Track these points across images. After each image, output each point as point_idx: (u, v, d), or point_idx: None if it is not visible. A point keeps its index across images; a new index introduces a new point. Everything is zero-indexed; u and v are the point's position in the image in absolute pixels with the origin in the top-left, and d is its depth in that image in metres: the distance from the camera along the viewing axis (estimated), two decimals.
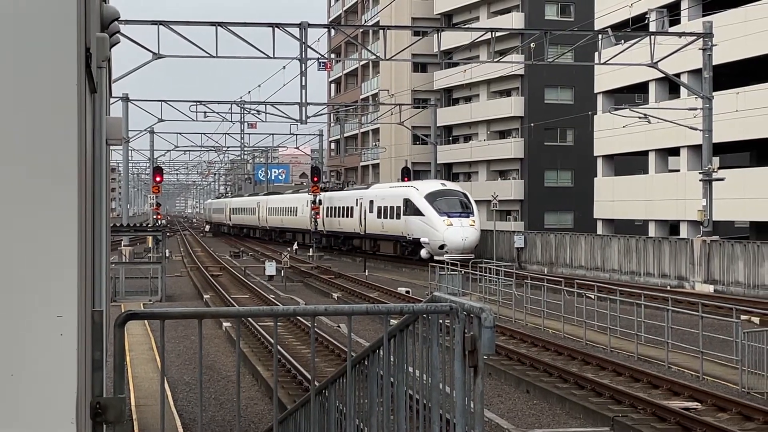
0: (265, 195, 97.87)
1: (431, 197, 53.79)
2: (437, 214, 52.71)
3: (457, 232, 51.80)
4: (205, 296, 38.29)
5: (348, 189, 72.00)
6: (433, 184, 56.81)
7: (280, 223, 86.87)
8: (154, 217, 70.85)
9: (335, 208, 67.36)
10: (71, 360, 3.52)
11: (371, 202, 60.46)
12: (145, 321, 25.50)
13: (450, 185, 58.49)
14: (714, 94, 40.68)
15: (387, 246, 58.94)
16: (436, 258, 49.16)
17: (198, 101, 60.23)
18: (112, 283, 33.79)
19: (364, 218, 60.66)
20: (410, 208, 54.50)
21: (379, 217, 58.87)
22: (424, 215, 53.12)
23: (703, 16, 49.33)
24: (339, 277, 47.15)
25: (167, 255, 49.21)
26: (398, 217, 55.95)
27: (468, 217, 52.92)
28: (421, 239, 53.15)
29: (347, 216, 64.83)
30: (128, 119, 59.65)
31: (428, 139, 69.62)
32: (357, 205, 62.25)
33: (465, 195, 55.38)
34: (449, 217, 52.50)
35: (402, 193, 56.47)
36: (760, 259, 36.57)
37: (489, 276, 34.81)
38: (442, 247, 51.49)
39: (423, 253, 52.90)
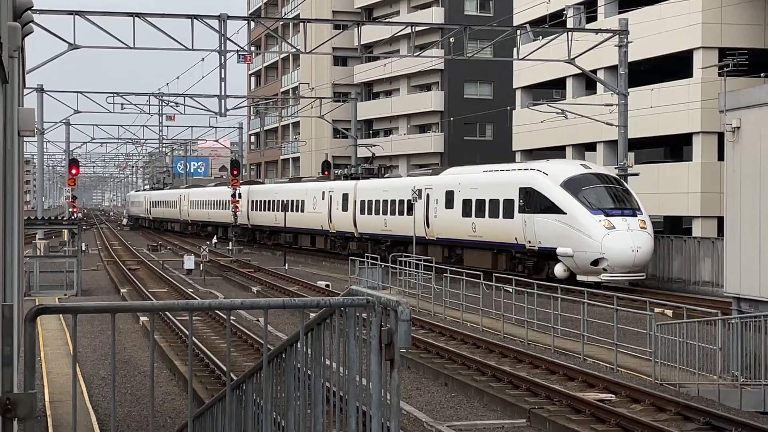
0: (195, 187, 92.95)
1: (573, 185, 36.11)
2: (588, 211, 35.14)
3: (624, 240, 34.35)
4: (122, 290, 37.83)
5: (390, 176, 56.88)
6: (571, 167, 38.32)
7: (207, 217, 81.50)
8: (70, 210, 69.78)
9: (374, 202, 49.75)
10: None
11: (449, 193, 42.90)
12: (61, 316, 25.20)
13: (596, 167, 39.65)
14: (629, 90, 41.29)
15: (480, 257, 40.43)
16: (582, 279, 34.31)
17: (115, 93, 59.38)
18: (26, 277, 33.20)
19: (434, 216, 43.78)
20: (535, 202, 36.82)
21: (466, 215, 41.24)
22: (563, 212, 35.44)
23: (619, 13, 50.07)
24: (259, 271, 46.93)
25: (83, 249, 48.49)
26: (507, 215, 38.30)
27: (635, 216, 35.45)
28: (558, 250, 35.37)
29: (398, 213, 47.38)
30: (43, 110, 58.59)
31: (349, 133, 69.61)
32: (420, 197, 43.55)
33: (620, 182, 37.32)
34: (607, 215, 34.99)
35: (517, 180, 38.26)
36: (674, 252, 37.28)
37: (409, 270, 34.95)
38: (597, 262, 34.45)
39: (559, 270, 35.40)
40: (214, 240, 70.64)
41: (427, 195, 44.26)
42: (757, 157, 18.23)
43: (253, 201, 69.55)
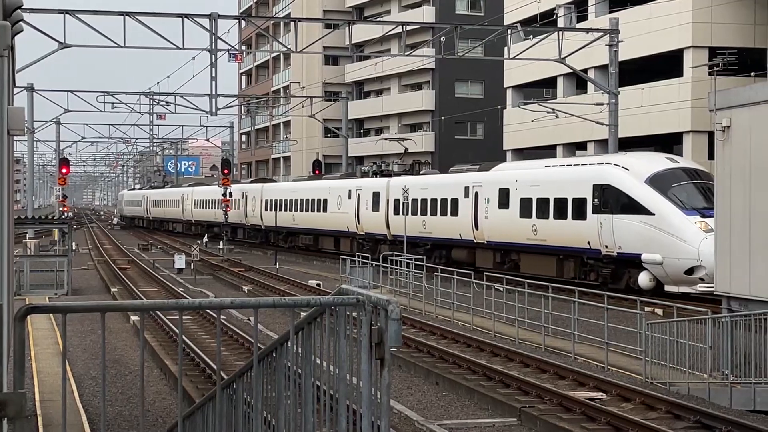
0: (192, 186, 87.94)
1: (661, 182, 31.77)
2: (681, 211, 30.76)
3: None
4: (112, 290, 37.76)
5: (427, 172, 50.03)
6: (655, 160, 33.62)
7: (213, 217, 74.81)
8: (61, 209, 69.66)
9: (411, 201, 44.25)
10: None
11: (503, 191, 38.00)
12: (51, 315, 25.16)
13: (684, 161, 35.34)
14: (620, 89, 41.38)
15: (542, 264, 35.94)
16: (671, 289, 30.32)
17: (105, 92, 59.28)
18: (16, 277, 33.14)
19: (485, 217, 39.10)
20: (613, 201, 32.44)
21: (525, 215, 36.55)
22: (651, 213, 31.13)
23: (610, 12, 50.17)
24: (249, 270, 46.90)
25: (74, 248, 48.40)
26: (578, 216, 33.79)
27: None
28: (643, 256, 30.99)
29: (440, 213, 42.42)
30: (33, 109, 58.47)
31: (340, 132, 69.59)
32: (467, 196, 40.00)
33: (711, 178, 28.63)
34: (704, 217, 30.10)
35: (590, 175, 33.79)
36: None
37: (400, 269, 34.96)
38: (692, 270, 29.92)
39: (643, 279, 31.19)
40: (205, 239, 70.52)
41: (476, 193, 39.60)
42: (747, 157, 18.28)
43: (267, 200, 63.79)
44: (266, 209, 63.69)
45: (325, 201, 54.02)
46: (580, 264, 34.35)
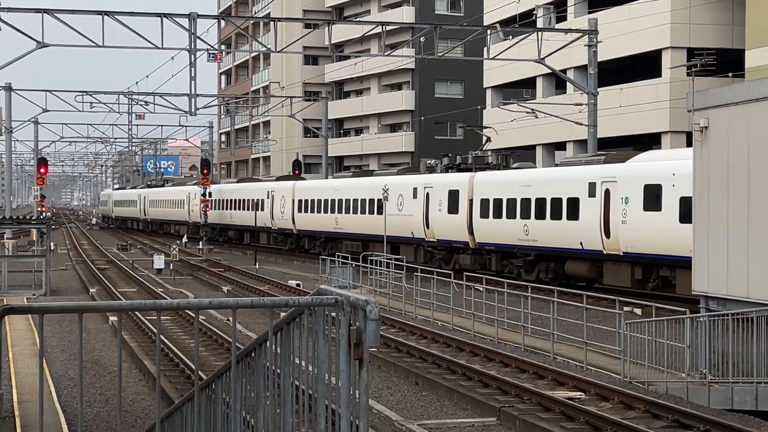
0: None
1: None
2: None
3: None
4: (91, 290, 37.62)
5: (521, 165, 41.47)
6: None
7: (230, 219, 66.89)
8: (39, 209, 69.31)
9: (506, 202, 36.82)
10: None
11: (651, 189, 30.02)
12: (29, 316, 25.02)
13: None
14: (599, 89, 41.54)
15: None
16: None
17: (84, 91, 59.11)
18: None
19: (622, 221, 30.92)
20: None
21: (685, 220, 26.91)
22: None
23: (589, 13, 50.35)
24: (229, 270, 46.80)
25: (52, 248, 48.18)
26: None
27: None
28: None
29: (552, 217, 34.25)
30: (11, 109, 58.18)
31: (319, 132, 69.55)
32: (592, 194, 32.29)
33: None
34: None
35: None
36: None
37: (379, 269, 34.96)
38: None
39: None
40: (185, 239, 70.28)
41: (606, 191, 31.72)
42: (724, 157, 18.38)
43: (300, 200, 55.26)
44: (299, 211, 55.28)
45: (380, 201, 45.29)
46: None
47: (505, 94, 60.81)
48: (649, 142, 50.24)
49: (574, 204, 33.16)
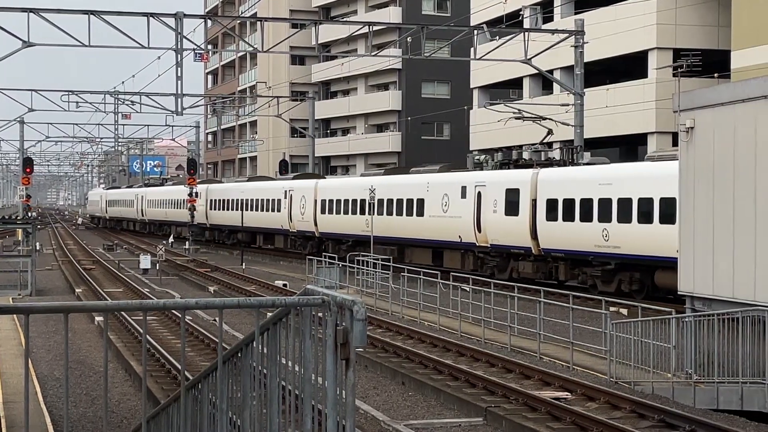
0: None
1: None
2: None
3: None
4: (77, 290, 37.51)
5: (594, 161, 36.81)
6: None
7: (255, 222, 59.50)
8: (25, 209, 69.11)
9: (580, 202, 32.64)
10: None
11: None
12: (14, 316, 24.93)
13: None
14: (585, 90, 41.62)
15: None
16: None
17: (70, 91, 58.88)
18: None
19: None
20: None
21: None
22: None
23: (575, 14, 50.44)
24: (216, 271, 46.72)
25: (38, 248, 48.03)
26: None
27: None
28: None
29: (641, 220, 30.15)
30: None
31: (306, 132, 69.50)
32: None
33: None
34: None
35: None
36: None
37: (366, 269, 34.94)
38: None
39: None
40: (171, 239, 70.10)
41: None
42: (710, 157, 18.43)
43: (324, 201, 50.56)
44: (323, 212, 50.51)
45: (421, 201, 41.33)
46: None
47: (492, 95, 60.89)
48: (635, 142, 50.41)
49: (669, 205, 27.94)
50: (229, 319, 27.44)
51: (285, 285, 37.44)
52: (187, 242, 64.34)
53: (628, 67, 49.17)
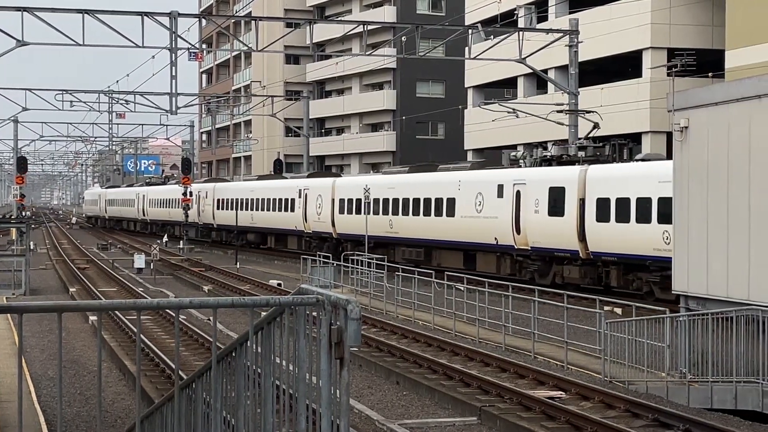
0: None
1: None
2: None
3: None
4: (71, 290, 37.46)
5: (648, 156, 33.96)
6: None
7: (266, 222, 57.36)
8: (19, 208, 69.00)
9: (637, 201, 30.29)
10: None
11: None
12: (8, 315, 24.87)
13: None
14: (580, 89, 41.63)
15: None
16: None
17: (64, 90, 58.84)
18: None
19: None
20: None
21: None
22: None
23: (570, 13, 50.46)
24: (210, 270, 46.69)
25: (32, 247, 47.96)
26: None
27: None
28: None
29: None
30: None
31: (301, 132, 69.45)
32: None
33: None
34: None
35: None
36: None
37: (360, 268, 34.93)
38: None
39: None
40: (165, 239, 70.01)
41: None
42: (704, 157, 18.45)
43: (343, 200, 48.33)
44: (341, 212, 48.16)
45: (451, 200, 38.89)
46: None
47: (486, 94, 60.90)
48: (629, 142, 50.41)
49: None
50: (223, 318, 27.42)
51: (279, 284, 37.42)
52: (181, 241, 64.25)
53: (623, 66, 49.21)
